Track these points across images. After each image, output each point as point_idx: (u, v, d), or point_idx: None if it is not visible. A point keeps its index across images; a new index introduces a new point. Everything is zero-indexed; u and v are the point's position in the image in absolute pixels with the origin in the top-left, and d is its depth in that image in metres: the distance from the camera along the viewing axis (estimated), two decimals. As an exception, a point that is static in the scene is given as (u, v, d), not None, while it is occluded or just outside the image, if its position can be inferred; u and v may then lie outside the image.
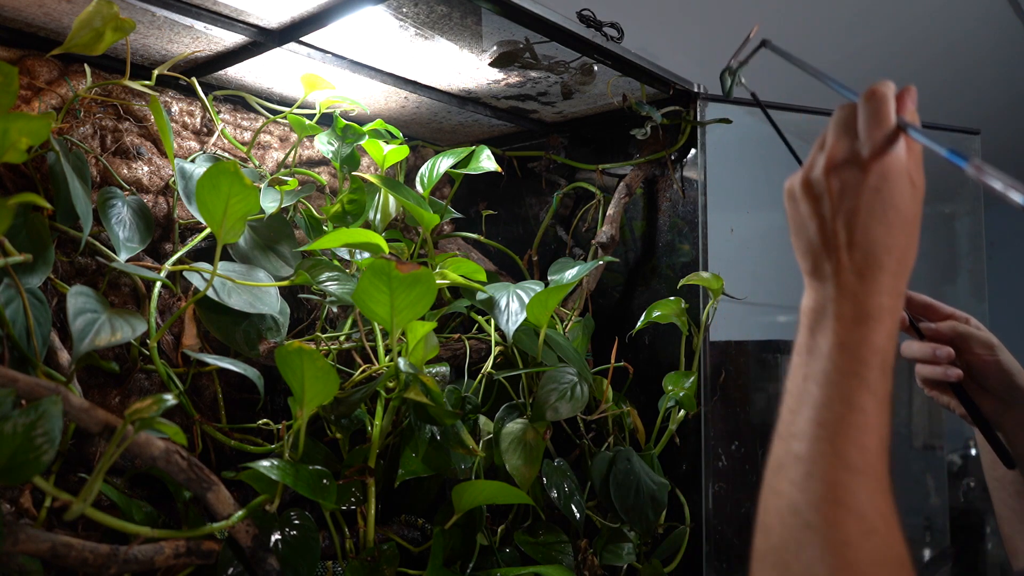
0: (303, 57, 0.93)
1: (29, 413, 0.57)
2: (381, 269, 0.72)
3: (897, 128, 0.49)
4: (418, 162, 1.31)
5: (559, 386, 0.96)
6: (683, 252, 1.16)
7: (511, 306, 0.96)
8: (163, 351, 0.87)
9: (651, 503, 1.01)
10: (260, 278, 0.88)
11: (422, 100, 1.12)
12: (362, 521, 0.81)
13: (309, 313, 1.07)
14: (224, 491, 0.72)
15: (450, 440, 0.87)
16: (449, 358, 1.01)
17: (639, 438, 1.12)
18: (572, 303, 1.14)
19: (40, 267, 0.73)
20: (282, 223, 0.97)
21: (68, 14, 0.81)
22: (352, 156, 1.02)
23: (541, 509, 0.97)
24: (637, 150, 1.21)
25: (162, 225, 0.96)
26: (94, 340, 0.68)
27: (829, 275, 0.50)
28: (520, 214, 1.40)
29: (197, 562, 0.70)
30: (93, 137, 0.91)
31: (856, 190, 0.49)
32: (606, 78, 1.07)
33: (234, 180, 0.73)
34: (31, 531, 0.60)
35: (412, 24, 0.87)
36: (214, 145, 1.02)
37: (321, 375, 0.72)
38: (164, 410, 0.61)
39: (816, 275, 0.51)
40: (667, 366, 1.13)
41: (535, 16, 0.86)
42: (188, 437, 0.79)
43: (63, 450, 0.71)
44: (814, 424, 0.47)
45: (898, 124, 0.49)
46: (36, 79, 0.86)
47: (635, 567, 1.06)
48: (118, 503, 0.71)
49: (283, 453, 0.77)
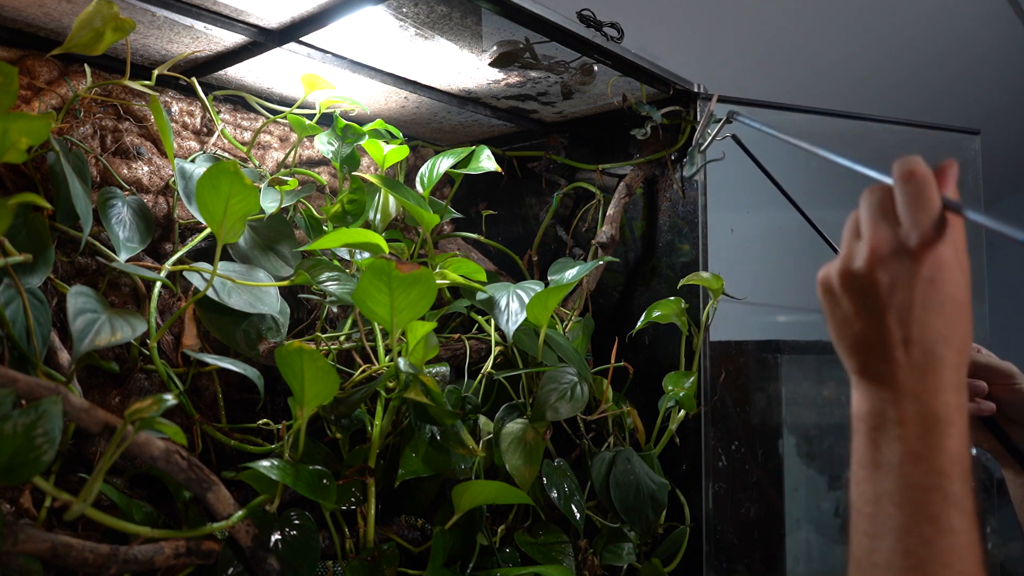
0: (303, 57, 0.93)
1: (29, 413, 0.57)
2: (381, 269, 0.72)
3: (944, 210, 0.45)
4: (418, 162, 1.31)
5: (559, 386, 0.96)
6: (683, 252, 1.16)
7: (511, 306, 0.96)
8: (163, 351, 0.87)
9: (651, 503, 1.01)
10: (260, 278, 0.88)
11: (422, 100, 1.12)
12: (362, 521, 0.82)
13: (309, 313, 1.07)
14: (224, 491, 0.72)
15: (450, 440, 0.87)
16: (449, 358, 1.01)
17: (639, 438, 1.12)
18: (572, 303, 1.15)
19: (40, 267, 0.73)
20: (282, 223, 0.97)
21: (68, 14, 0.81)
22: (352, 156, 1.02)
23: (541, 509, 0.97)
24: (637, 150, 1.21)
25: (162, 225, 0.96)
26: (94, 340, 0.68)
27: (885, 376, 0.45)
28: (520, 214, 1.40)
29: (197, 562, 0.70)
30: (93, 137, 0.91)
31: (909, 283, 0.45)
32: (606, 78, 1.07)
33: (234, 180, 0.73)
34: (31, 531, 0.60)
35: (412, 24, 0.87)
36: (214, 145, 1.02)
37: (321, 375, 0.72)
38: (164, 410, 0.61)
39: (868, 376, 0.47)
40: (667, 366, 1.13)
41: (535, 16, 0.86)
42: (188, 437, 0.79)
43: (63, 450, 0.71)
44: (900, 554, 0.42)
45: (946, 205, 0.45)
46: (36, 79, 0.86)
47: (635, 567, 1.06)
48: (118, 503, 0.71)
49: (283, 453, 0.78)
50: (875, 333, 0.46)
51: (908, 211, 0.45)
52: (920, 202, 0.45)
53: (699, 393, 1.09)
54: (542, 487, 0.94)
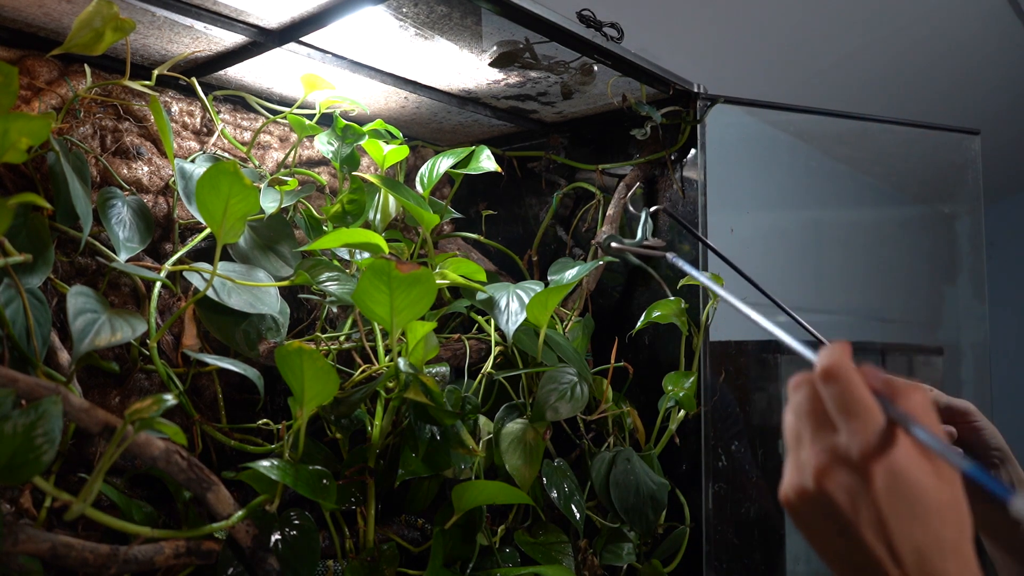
0: (303, 57, 0.93)
1: (29, 413, 0.57)
2: (381, 269, 0.72)
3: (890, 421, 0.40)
4: (418, 162, 1.31)
5: (559, 386, 0.96)
6: (683, 252, 1.16)
7: (511, 306, 0.96)
8: (163, 351, 0.87)
9: (651, 503, 1.01)
10: (260, 278, 0.88)
11: (422, 100, 1.12)
12: (362, 521, 0.82)
13: (309, 313, 1.07)
14: (224, 491, 0.72)
15: (450, 440, 0.87)
16: (449, 358, 1.01)
17: (639, 438, 1.12)
18: (572, 303, 1.15)
19: (40, 267, 0.73)
20: (282, 223, 0.97)
21: (68, 14, 0.81)
22: (352, 156, 1.02)
23: (541, 509, 0.97)
24: (637, 150, 1.21)
25: (162, 225, 0.96)
26: (94, 340, 0.68)
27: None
28: (520, 214, 1.40)
29: (197, 562, 0.70)
30: (93, 137, 0.91)
31: (869, 499, 0.40)
32: (606, 78, 1.07)
33: (234, 180, 0.73)
34: (31, 531, 0.60)
35: (412, 24, 0.87)
36: (214, 145, 1.02)
37: (321, 375, 0.72)
38: (164, 410, 0.61)
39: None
40: (667, 366, 1.13)
41: (535, 16, 0.86)
42: (188, 437, 0.79)
43: (63, 450, 0.71)
44: None
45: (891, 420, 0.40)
46: (36, 79, 0.86)
47: (635, 567, 1.06)
48: (118, 503, 0.71)
49: (283, 453, 0.78)
50: (859, 554, 0.41)
51: (839, 417, 0.41)
52: (849, 408, 0.40)
53: (699, 393, 1.09)
54: (542, 487, 0.94)
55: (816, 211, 1.84)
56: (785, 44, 2.06)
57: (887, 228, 2.02)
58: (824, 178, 1.80)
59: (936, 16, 2.17)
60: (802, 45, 2.10)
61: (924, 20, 2.17)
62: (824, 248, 1.90)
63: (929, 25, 2.20)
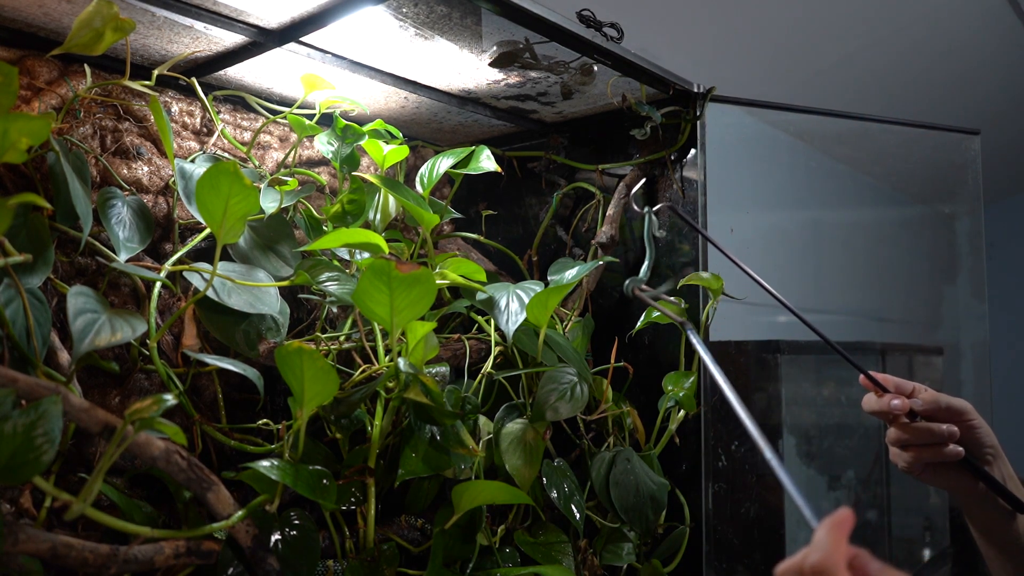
0: (303, 57, 0.93)
1: (29, 413, 0.57)
2: (381, 269, 0.72)
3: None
4: (418, 162, 1.31)
5: (559, 386, 0.96)
6: (683, 252, 1.16)
7: (511, 306, 0.96)
8: (163, 351, 0.87)
9: (651, 503, 1.01)
10: (260, 278, 0.88)
11: (422, 100, 1.12)
12: (362, 521, 0.81)
13: (309, 313, 1.07)
14: (224, 491, 0.72)
15: (450, 440, 0.87)
16: (449, 358, 1.01)
17: (639, 438, 1.12)
18: (572, 303, 1.15)
19: (40, 267, 0.73)
20: (282, 223, 0.97)
21: (68, 14, 0.81)
22: (352, 156, 1.02)
23: (541, 509, 0.97)
24: (637, 150, 1.21)
25: (162, 225, 0.96)
26: (94, 340, 0.68)
27: None
28: (520, 214, 1.40)
29: (197, 562, 0.70)
30: (93, 137, 0.91)
31: None
32: (606, 78, 1.07)
33: (234, 180, 0.73)
34: (31, 531, 0.60)
35: (412, 24, 0.87)
36: (214, 145, 1.02)
37: (321, 375, 0.72)
38: (164, 410, 0.61)
39: None
40: (667, 366, 1.13)
41: (535, 16, 0.86)
42: (188, 437, 0.79)
43: (63, 450, 0.71)
44: None
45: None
46: (36, 79, 0.86)
47: (635, 567, 1.06)
48: (118, 503, 0.71)
49: (283, 453, 0.78)
50: None
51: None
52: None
53: (699, 393, 1.09)
54: (542, 487, 0.94)
55: (816, 211, 1.84)
56: (785, 44, 2.06)
57: (887, 228, 2.02)
58: (824, 178, 1.80)
59: (936, 16, 2.17)
60: (802, 45, 2.10)
61: (924, 20, 2.17)
62: (824, 248, 1.90)
63: (929, 25, 2.20)
